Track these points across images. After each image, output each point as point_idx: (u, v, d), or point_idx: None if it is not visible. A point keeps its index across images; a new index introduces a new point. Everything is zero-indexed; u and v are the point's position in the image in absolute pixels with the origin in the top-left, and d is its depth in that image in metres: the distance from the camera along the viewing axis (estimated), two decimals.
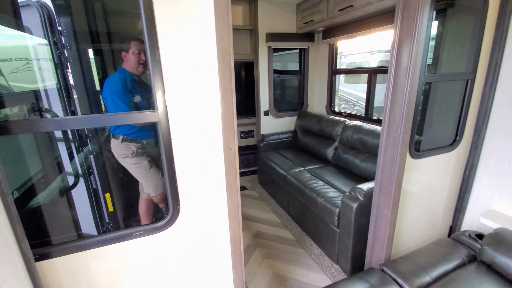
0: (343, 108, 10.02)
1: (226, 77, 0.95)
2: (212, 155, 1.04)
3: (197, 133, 1.00)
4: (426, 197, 1.91)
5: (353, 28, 2.85)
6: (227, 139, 1.03)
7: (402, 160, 1.54)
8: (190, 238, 1.13)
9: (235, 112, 1.01)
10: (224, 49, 0.92)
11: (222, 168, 1.07)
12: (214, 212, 1.12)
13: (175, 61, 0.90)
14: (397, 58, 1.44)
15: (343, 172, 2.69)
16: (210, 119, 1.00)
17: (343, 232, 1.99)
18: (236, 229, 1.17)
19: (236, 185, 1.10)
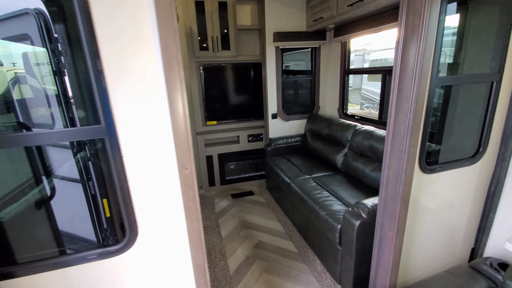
0: (366, 107, 9.54)
1: (174, 88, 0.84)
2: (166, 175, 0.94)
3: (150, 150, 0.90)
4: (444, 214, 1.67)
5: (365, 25, 2.62)
6: (181, 157, 0.92)
7: (408, 176, 1.34)
8: (149, 264, 1.04)
9: (189, 127, 0.89)
10: (170, 57, 0.80)
11: (178, 190, 0.96)
12: (173, 237, 1.02)
13: (120, 72, 0.80)
14: (402, 60, 1.24)
15: (352, 182, 2.48)
16: (161, 136, 0.90)
17: (345, 251, 1.81)
18: (199, 256, 1.06)
19: (195, 208, 0.98)
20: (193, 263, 1.06)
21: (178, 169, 0.93)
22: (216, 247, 2.52)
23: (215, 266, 2.28)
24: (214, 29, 3.21)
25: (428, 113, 1.36)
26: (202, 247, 1.04)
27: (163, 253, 1.04)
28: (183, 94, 0.85)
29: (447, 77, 1.47)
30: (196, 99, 3.43)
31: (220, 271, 2.22)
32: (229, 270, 2.23)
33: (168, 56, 0.80)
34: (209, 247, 2.53)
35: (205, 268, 1.07)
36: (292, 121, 3.61)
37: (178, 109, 0.86)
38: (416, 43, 1.17)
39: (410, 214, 1.54)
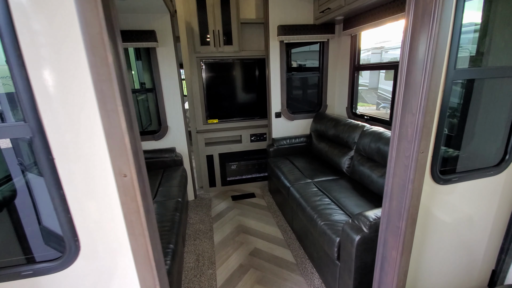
0: (383, 107, 9.11)
1: (102, 78, 0.68)
2: (103, 183, 0.79)
3: (82, 153, 0.75)
4: (461, 231, 1.44)
5: (377, 15, 2.37)
6: (118, 162, 0.76)
7: (416, 188, 1.12)
8: (94, 284, 0.89)
9: (124, 126, 0.73)
10: (93, 37, 0.64)
11: (117, 200, 0.80)
12: (117, 256, 0.87)
13: (41, 60, 0.65)
14: (410, 47, 1.03)
15: (358, 189, 2.25)
16: (92, 135, 0.75)
17: (344, 267, 1.60)
18: (149, 278, 0.90)
19: (140, 221, 0.82)
20: (141, 286, 0.90)
21: (115, 176, 0.77)
22: (206, 253, 2.37)
23: (201, 275, 2.13)
24: (216, 23, 3.05)
25: (443, 112, 1.14)
26: (152, 267, 0.88)
27: (107, 273, 0.89)
28: (114, 84, 0.69)
29: (467, 70, 1.23)
30: (196, 96, 3.30)
31: (206, 280, 2.06)
32: (216, 280, 2.07)
33: (90, 36, 0.64)
34: (198, 253, 2.38)
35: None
36: (297, 120, 3.40)
37: (110, 102, 0.70)
38: (428, 27, 0.95)
39: (419, 231, 1.32)
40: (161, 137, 3.06)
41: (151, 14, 2.68)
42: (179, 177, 2.76)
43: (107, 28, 0.65)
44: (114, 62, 0.68)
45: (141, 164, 0.82)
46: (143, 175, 0.83)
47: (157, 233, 0.93)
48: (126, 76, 0.74)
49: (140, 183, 0.80)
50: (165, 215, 2.03)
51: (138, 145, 0.80)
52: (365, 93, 10.83)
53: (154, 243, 0.89)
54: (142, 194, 0.81)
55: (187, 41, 3.12)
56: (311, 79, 3.48)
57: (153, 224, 0.89)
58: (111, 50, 0.66)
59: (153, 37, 2.68)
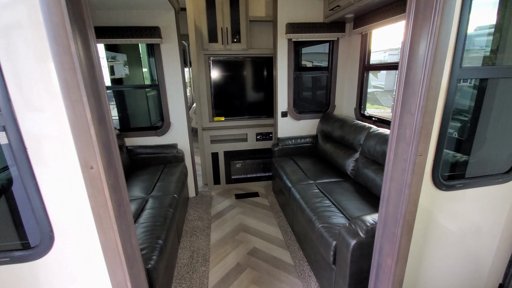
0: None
1: (65, 67, 0.67)
2: (72, 175, 0.78)
3: (55, 144, 0.75)
4: (466, 240, 1.36)
5: (388, 12, 2.28)
6: (84, 153, 0.75)
7: (413, 193, 1.06)
8: (65, 277, 0.89)
9: (89, 117, 0.72)
10: (55, 25, 0.63)
11: (84, 193, 0.79)
12: (89, 248, 0.86)
13: (14, 51, 0.65)
14: (410, 44, 0.97)
15: (361, 192, 2.17)
16: (58, 125, 0.74)
17: (339, 273, 1.55)
18: (119, 272, 0.88)
19: (108, 215, 0.81)
20: (112, 281, 0.89)
21: (81, 168, 0.76)
22: (201, 250, 2.37)
23: (193, 271, 2.12)
24: (225, 20, 3.05)
25: (446, 113, 1.07)
26: (122, 262, 0.86)
27: (80, 265, 0.89)
28: (77, 73, 0.67)
29: (475, 68, 1.15)
30: (203, 93, 3.31)
31: (198, 278, 2.05)
32: (208, 278, 2.06)
33: (52, 25, 0.63)
34: (193, 250, 2.38)
35: (127, 286, 0.90)
36: (304, 120, 3.34)
37: (75, 92, 0.69)
38: (429, 21, 0.89)
39: (420, 238, 1.26)
40: (163, 133, 3.08)
41: (155, 10, 2.70)
42: (179, 173, 2.76)
43: (71, 17, 0.64)
44: (80, 51, 0.67)
45: (113, 156, 0.81)
46: (115, 168, 0.82)
47: (132, 227, 0.92)
48: (97, 66, 0.73)
49: (111, 176, 0.79)
50: (159, 210, 2.03)
51: (111, 137, 0.79)
52: (380, 95, 10.54)
53: (127, 237, 0.88)
54: (112, 187, 0.80)
55: (196, 38, 3.13)
56: (320, 79, 3.41)
57: (126, 218, 0.88)
58: (75, 39, 0.65)
59: (157, 33, 2.70)
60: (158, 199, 2.22)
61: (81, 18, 0.67)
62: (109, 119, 0.79)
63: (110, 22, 2.66)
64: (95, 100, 0.73)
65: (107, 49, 3.02)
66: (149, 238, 1.68)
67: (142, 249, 1.57)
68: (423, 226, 1.24)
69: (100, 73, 0.74)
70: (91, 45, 0.71)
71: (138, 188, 2.42)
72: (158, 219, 1.91)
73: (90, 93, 0.71)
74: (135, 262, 0.93)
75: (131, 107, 3.85)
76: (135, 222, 1.88)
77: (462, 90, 1.46)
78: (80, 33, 0.68)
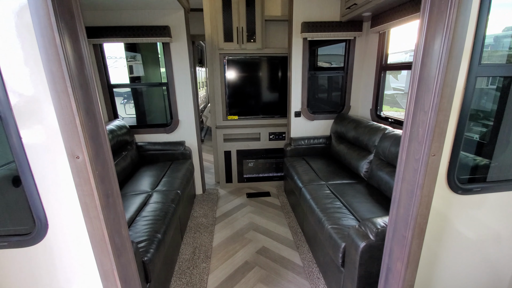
0: None
1: (51, 58, 0.69)
2: (60, 164, 0.81)
3: (46, 133, 0.78)
4: (485, 248, 1.28)
5: (408, 10, 2.21)
6: (70, 143, 0.77)
7: (426, 195, 1.01)
8: (57, 263, 0.93)
9: (75, 108, 0.74)
10: (40, 18, 0.65)
11: (71, 182, 0.82)
12: (77, 238, 0.89)
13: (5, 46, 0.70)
14: (425, 39, 0.93)
15: (374, 194, 2.11)
16: (47, 117, 0.77)
17: (348, 275, 1.51)
18: (106, 262, 0.90)
19: (95, 205, 0.83)
20: (99, 269, 0.92)
21: (68, 158, 0.79)
22: (203, 247, 2.38)
23: (194, 267, 2.13)
24: (240, 20, 3.07)
25: (464, 112, 1.02)
26: (109, 252, 0.88)
27: (70, 253, 0.93)
28: (62, 64, 0.70)
29: (495, 66, 1.09)
30: (218, 92, 3.34)
31: (198, 273, 2.06)
32: (208, 275, 2.07)
33: (38, 18, 0.65)
34: (195, 246, 2.40)
35: (114, 275, 0.92)
36: (317, 120, 3.29)
37: (60, 83, 0.71)
38: (445, 13, 0.85)
39: (432, 243, 1.20)
40: (172, 130, 3.14)
41: (165, 10, 2.76)
42: (185, 170, 2.80)
43: (56, 10, 0.66)
44: (66, 44, 0.69)
45: (102, 147, 0.83)
46: (104, 158, 0.84)
47: (122, 218, 0.93)
48: (86, 59, 0.75)
49: (98, 166, 0.81)
50: (161, 205, 2.07)
51: (101, 129, 0.81)
52: (400, 97, 10.19)
53: (117, 227, 0.90)
54: (99, 177, 0.82)
55: (212, 37, 3.18)
56: (335, 79, 3.35)
57: (116, 209, 0.89)
58: (61, 32, 0.67)
59: (167, 32, 2.76)
60: (162, 194, 2.26)
61: (69, 11, 0.70)
62: (98, 110, 0.81)
63: (122, 22, 2.76)
64: (83, 92, 0.75)
65: (127, 49, 3.13)
66: (149, 231, 1.72)
67: (141, 241, 1.61)
68: (436, 230, 1.19)
69: (87, 65, 0.77)
70: (80, 38, 0.73)
71: (144, 183, 2.48)
72: (159, 213, 1.94)
73: (76, 84, 0.73)
74: (125, 252, 0.95)
75: (147, 105, 3.96)
76: (137, 215, 1.92)
77: (483, 91, 1.39)
78: (67, 26, 0.70)
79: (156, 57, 3.86)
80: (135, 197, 2.19)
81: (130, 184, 2.47)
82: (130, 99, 7.22)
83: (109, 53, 6.50)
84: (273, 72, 3.43)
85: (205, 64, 8.36)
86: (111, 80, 3.06)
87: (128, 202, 2.11)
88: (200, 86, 6.99)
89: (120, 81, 5.20)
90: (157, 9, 2.76)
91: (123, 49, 3.14)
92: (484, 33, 0.95)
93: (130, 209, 2.00)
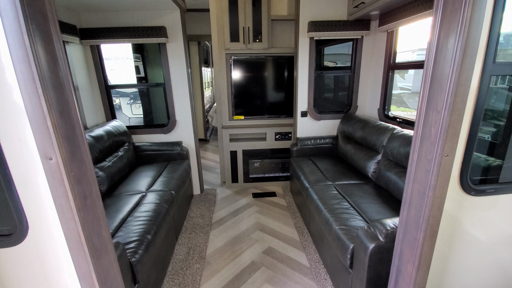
0: None
1: (20, 60, 0.69)
2: (34, 166, 0.81)
3: (21, 135, 0.78)
4: (499, 252, 1.26)
5: (418, 8, 2.17)
6: (42, 144, 0.76)
7: (438, 196, 0.99)
8: (37, 265, 0.93)
9: (45, 108, 0.73)
10: (8, 19, 0.66)
11: (45, 184, 0.82)
12: (55, 239, 0.89)
13: None
14: (438, 37, 0.91)
15: (382, 195, 2.09)
16: (20, 118, 0.77)
17: (356, 277, 1.49)
18: (83, 263, 0.89)
19: (70, 206, 0.82)
20: (77, 271, 0.91)
21: (41, 159, 0.78)
22: (197, 247, 2.37)
23: (187, 268, 2.13)
24: (247, 20, 3.06)
25: (478, 112, 1.00)
26: (86, 253, 0.88)
27: (52, 254, 0.92)
28: (31, 65, 0.69)
29: (510, 64, 1.06)
30: (224, 92, 3.35)
31: (190, 274, 2.06)
32: (201, 275, 2.06)
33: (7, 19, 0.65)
34: (189, 246, 2.39)
35: (92, 277, 0.92)
36: (324, 120, 3.27)
37: (27, 84, 0.71)
38: (460, 10, 0.83)
39: (443, 245, 1.18)
40: (169, 131, 3.15)
41: (161, 10, 2.77)
42: (181, 170, 2.80)
43: (25, 12, 0.66)
44: (37, 45, 0.69)
45: (79, 148, 0.82)
46: (82, 159, 0.84)
47: (103, 219, 0.93)
48: (61, 61, 0.75)
49: (74, 168, 0.80)
50: (154, 205, 2.06)
51: (78, 130, 0.81)
52: (407, 97, 10.07)
53: (96, 229, 0.90)
54: (75, 179, 0.81)
55: (218, 37, 3.18)
56: (342, 78, 3.33)
57: (95, 210, 0.89)
58: (31, 34, 0.67)
59: (163, 32, 2.76)
60: (155, 194, 2.25)
61: (41, 13, 0.70)
62: (74, 111, 0.80)
63: (119, 23, 2.77)
64: (56, 93, 0.75)
65: (134, 51, 3.15)
66: (139, 232, 1.71)
67: (130, 242, 1.60)
68: (447, 232, 1.16)
69: (62, 66, 0.76)
70: (53, 40, 0.73)
71: (139, 183, 2.48)
72: (151, 214, 1.93)
73: (48, 85, 0.73)
74: (105, 253, 0.95)
75: (153, 105, 3.98)
76: (129, 216, 1.92)
77: (494, 90, 1.36)
78: (39, 27, 0.70)
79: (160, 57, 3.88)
80: (130, 197, 2.19)
81: (125, 184, 2.47)
82: (137, 99, 7.30)
83: (117, 54, 6.56)
84: (279, 72, 3.42)
85: (211, 64, 8.39)
86: (110, 81, 3.09)
87: (122, 202, 2.11)
88: (205, 86, 7.01)
89: (127, 81, 5.26)
90: (153, 10, 2.76)
91: (131, 50, 3.15)
92: (499, 30, 0.93)
93: (124, 209, 2.00)
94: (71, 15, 2.62)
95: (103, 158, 2.43)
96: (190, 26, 4.85)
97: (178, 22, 2.84)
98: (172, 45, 2.91)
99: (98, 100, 3.02)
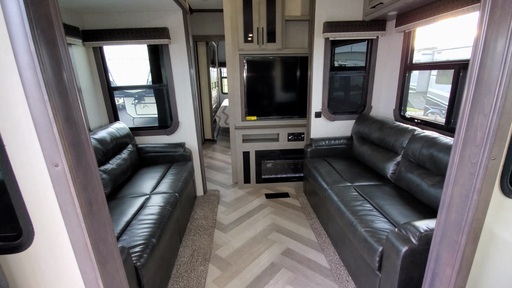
0: (431, 113, 8.38)
1: (25, 66, 0.68)
2: (40, 172, 0.80)
3: (28, 141, 0.77)
4: None
5: (437, 9, 2.16)
6: (48, 151, 0.75)
7: (483, 200, 0.99)
8: (48, 269, 0.93)
9: (51, 115, 0.72)
10: (14, 26, 0.65)
11: (52, 191, 0.81)
12: (61, 246, 0.89)
13: None
14: (485, 38, 0.90)
15: (403, 197, 2.08)
16: (26, 125, 0.76)
17: (386, 280, 1.49)
18: (89, 270, 0.89)
19: (76, 213, 0.82)
20: (83, 278, 0.91)
21: (47, 166, 0.78)
22: (201, 249, 2.36)
23: (192, 270, 2.12)
24: (261, 20, 3.06)
25: None
26: (92, 260, 0.87)
27: (58, 260, 0.92)
28: (37, 71, 0.69)
29: None
30: (237, 92, 3.34)
31: (195, 277, 2.05)
32: (206, 278, 2.05)
33: (12, 26, 0.64)
34: (194, 248, 2.39)
35: (98, 283, 0.91)
36: (338, 121, 3.26)
37: (33, 90, 0.70)
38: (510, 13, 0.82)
39: (482, 249, 1.17)
40: (172, 132, 3.15)
41: (163, 11, 2.75)
42: (184, 172, 2.79)
43: (30, 17, 0.66)
44: (43, 51, 0.68)
45: (85, 155, 0.82)
46: (88, 166, 0.83)
47: (109, 225, 0.93)
48: (66, 66, 0.74)
49: (80, 174, 0.80)
50: (158, 208, 2.04)
51: (84, 136, 0.80)
52: (411, 97, 10.06)
53: (102, 235, 0.89)
54: (82, 185, 0.81)
55: (232, 38, 3.18)
56: (356, 79, 3.32)
57: (101, 216, 0.89)
58: (36, 39, 0.67)
59: (166, 34, 2.75)
60: (160, 196, 2.23)
61: (46, 17, 0.69)
62: (80, 117, 0.80)
63: (121, 25, 2.77)
64: (62, 99, 0.74)
65: (150, 52, 3.15)
66: (144, 235, 1.70)
67: (135, 246, 1.59)
68: (485, 235, 1.16)
69: (68, 71, 0.76)
70: (59, 44, 0.72)
71: (143, 185, 2.46)
72: (155, 217, 1.92)
73: (54, 92, 0.72)
74: (111, 259, 0.94)
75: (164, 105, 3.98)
76: (134, 219, 1.90)
77: None
78: (44, 32, 0.69)
79: None
80: (134, 200, 2.18)
81: (129, 186, 2.45)
82: (141, 99, 7.31)
83: (134, 55, 6.57)
84: (292, 73, 3.41)
85: (217, 64, 8.39)
86: (118, 82, 3.07)
87: (126, 205, 2.10)
88: (212, 87, 7.02)
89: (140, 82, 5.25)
90: (155, 11, 2.75)
91: (146, 51, 3.15)
92: None
93: (128, 212, 1.99)
94: (74, 17, 2.62)
95: (107, 160, 2.42)
96: (198, 27, 4.84)
97: (181, 23, 2.83)
98: (174, 46, 2.90)
99: (101, 101, 3.02)
